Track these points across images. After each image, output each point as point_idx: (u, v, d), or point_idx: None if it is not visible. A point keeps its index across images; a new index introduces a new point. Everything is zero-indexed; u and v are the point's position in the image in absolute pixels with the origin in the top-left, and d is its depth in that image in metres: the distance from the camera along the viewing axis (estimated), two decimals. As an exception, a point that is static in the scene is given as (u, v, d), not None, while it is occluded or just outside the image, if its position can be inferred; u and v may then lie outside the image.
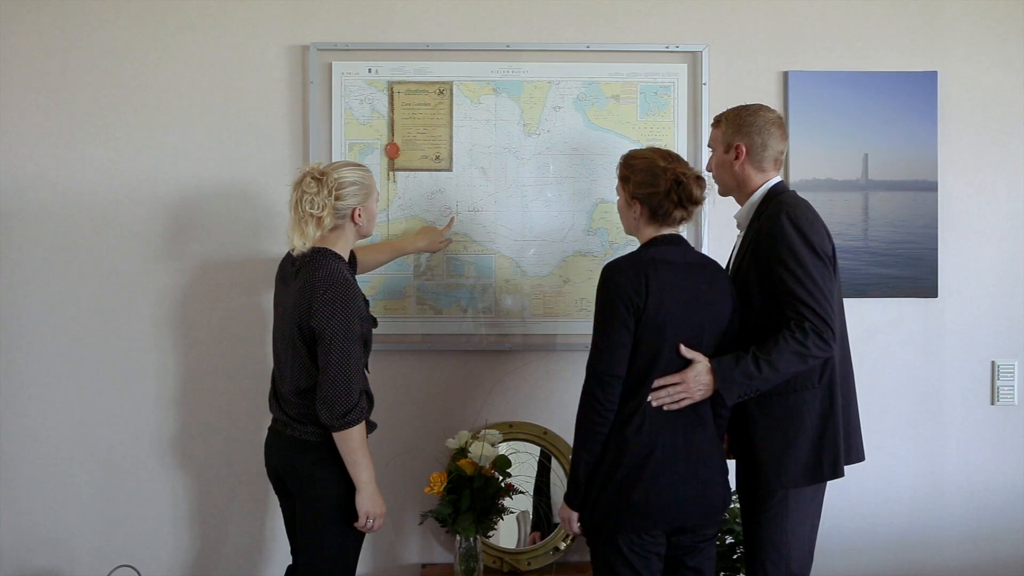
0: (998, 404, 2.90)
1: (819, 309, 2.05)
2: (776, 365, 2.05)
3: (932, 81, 2.83)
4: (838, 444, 2.15)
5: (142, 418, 2.82)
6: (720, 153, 2.28)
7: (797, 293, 2.06)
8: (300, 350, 2.17)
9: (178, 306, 2.81)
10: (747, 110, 2.25)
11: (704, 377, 2.07)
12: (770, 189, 2.22)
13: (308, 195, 2.16)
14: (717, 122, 2.30)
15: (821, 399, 2.15)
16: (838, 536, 2.86)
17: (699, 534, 2.13)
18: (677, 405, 2.06)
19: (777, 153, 2.24)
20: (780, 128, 2.24)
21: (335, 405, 2.11)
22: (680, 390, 2.06)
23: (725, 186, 2.31)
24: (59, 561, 2.83)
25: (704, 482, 2.08)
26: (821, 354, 2.06)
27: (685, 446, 2.07)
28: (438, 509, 2.58)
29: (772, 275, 2.10)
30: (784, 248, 2.08)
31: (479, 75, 2.79)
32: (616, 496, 2.05)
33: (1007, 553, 2.90)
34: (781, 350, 2.04)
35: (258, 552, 2.84)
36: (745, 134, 2.22)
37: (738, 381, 2.06)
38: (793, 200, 2.17)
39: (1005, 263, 2.88)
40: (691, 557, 2.14)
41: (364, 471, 2.16)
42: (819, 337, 2.05)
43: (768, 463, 2.16)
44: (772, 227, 2.11)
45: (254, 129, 2.80)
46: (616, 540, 2.07)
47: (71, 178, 2.79)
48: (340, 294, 2.13)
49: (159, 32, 2.79)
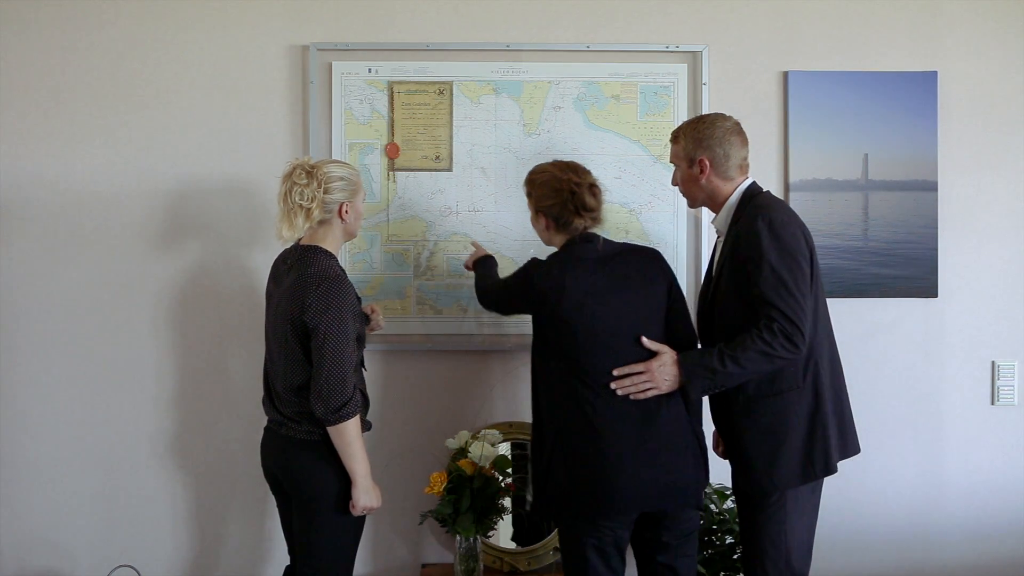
0: (998, 404, 2.90)
1: (788, 311, 2.07)
2: (740, 362, 2.08)
3: (932, 81, 2.83)
4: (828, 442, 2.17)
5: (141, 418, 2.82)
6: (684, 168, 2.29)
7: (767, 295, 2.08)
8: (293, 347, 2.17)
9: (178, 306, 2.81)
10: (704, 122, 2.26)
11: (669, 369, 2.13)
12: (744, 192, 2.24)
13: (298, 187, 2.18)
14: (675, 137, 2.31)
15: (807, 399, 2.17)
16: (838, 536, 2.86)
17: (674, 528, 2.16)
18: (643, 395, 2.12)
19: (741, 160, 2.26)
20: (739, 135, 2.26)
21: (330, 399, 2.11)
22: (645, 379, 2.12)
23: (694, 199, 2.32)
24: (59, 561, 2.83)
25: (664, 466, 2.11)
26: (787, 355, 2.08)
27: (640, 432, 2.11)
28: (438, 509, 2.59)
29: (747, 278, 2.12)
30: (757, 251, 2.11)
31: (479, 75, 2.79)
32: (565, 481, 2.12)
33: (1007, 553, 2.90)
34: (747, 348, 2.08)
35: (257, 552, 2.84)
36: (706, 147, 2.23)
37: (702, 375, 2.11)
38: (768, 202, 2.20)
39: (1005, 263, 2.88)
40: (664, 554, 2.18)
41: (359, 464, 2.17)
42: (787, 339, 2.06)
43: (760, 466, 2.17)
44: (748, 230, 2.14)
45: (254, 129, 2.80)
46: (574, 528, 2.14)
47: (71, 178, 2.79)
48: (333, 289, 2.14)
49: (159, 32, 2.79)
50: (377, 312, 2.49)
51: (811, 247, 2.17)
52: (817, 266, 2.19)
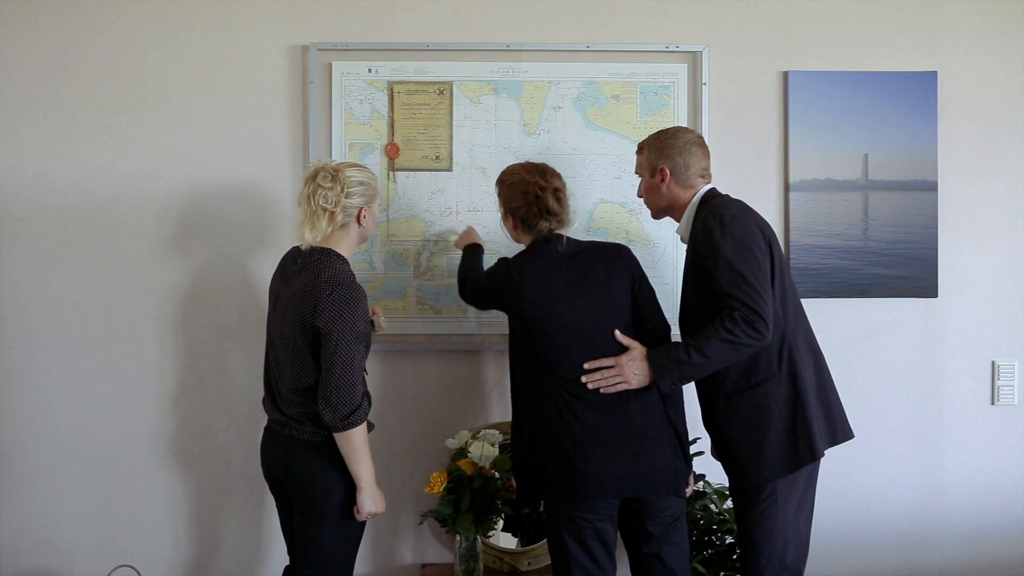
0: (998, 404, 2.90)
1: (747, 300, 2.11)
2: (705, 351, 2.13)
3: (932, 81, 2.83)
4: (811, 428, 2.19)
5: (142, 418, 2.82)
6: (647, 178, 2.35)
7: (725, 288, 2.13)
8: (302, 349, 2.17)
9: (178, 306, 2.81)
10: (666, 133, 2.34)
11: (639, 363, 2.18)
12: (702, 198, 2.29)
13: (323, 190, 2.19)
14: (640, 149, 2.38)
15: (785, 388, 2.20)
16: (838, 536, 2.86)
17: (655, 516, 2.19)
18: (613, 389, 2.17)
19: (701, 169, 2.31)
20: (700, 147, 2.32)
21: (339, 406, 2.11)
22: (615, 373, 2.17)
23: (656, 208, 2.37)
24: (59, 561, 2.83)
25: (642, 454, 2.16)
26: (752, 342, 2.11)
27: (608, 423, 2.16)
28: (438, 509, 2.58)
29: (706, 275, 2.17)
30: (711, 247, 2.16)
31: (479, 75, 2.79)
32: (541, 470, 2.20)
33: (1007, 553, 2.90)
34: (710, 338, 2.12)
35: (257, 552, 2.84)
36: (667, 156, 2.30)
37: (668, 368, 2.16)
38: (721, 202, 2.24)
39: (1005, 263, 2.88)
40: (649, 544, 2.21)
41: (365, 470, 2.17)
42: (749, 326, 2.10)
43: (746, 458, 2.21)
44: (702, 229, 2.19)
45: (254, 129, 2.80)
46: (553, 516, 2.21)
47: (71, 178, 2.79)
48: (346, 295, 2.14)
49: (159, 32, 2.79)
50: (379, 314, 2.49)
51: (769, 239, 2.21)
52: (780, 257, 2.23)
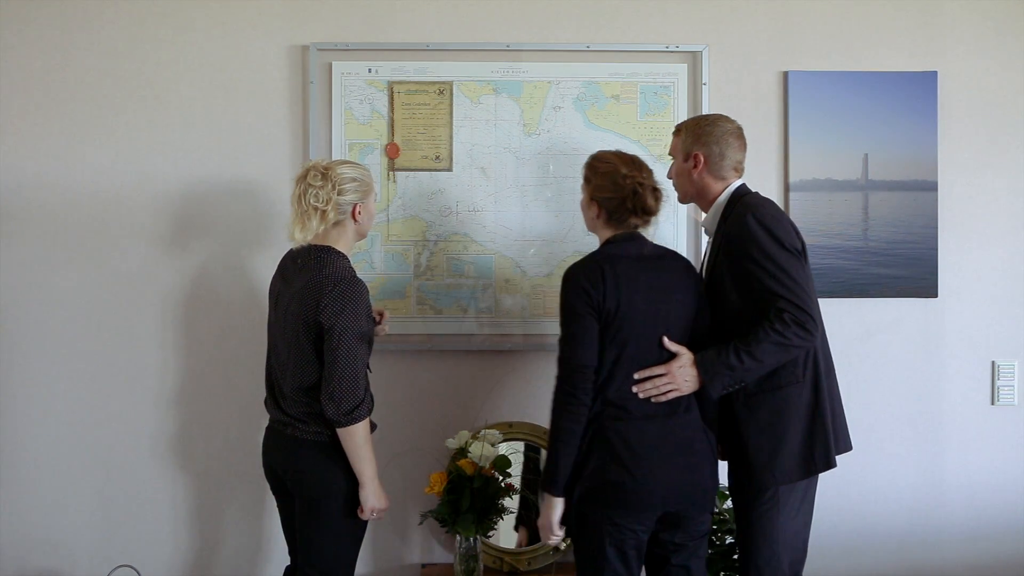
0: (998, 404, 2.90)
1: (797, 300, 2.08)
2: (757, 356, 2.09)
3: (932, 81, 2.83)
4: (828, 436, 2.18)
5: (142, 418, 2.82)
6: (680, 162, 2.33)
7: (773, 288, 2.10)
8: (305, 347, 2.17)
9: (178, 306, 2.81)
10: (706, 120, 2.30)
11: (689, 370, 2.12)
12: (733, 193, 2.26)
13: (313, 188, 2.19)
14: (678, 131, 2.34)
15: (808, 393, 2.18)
16: (838, 536, 2.86)
17: (690, 529, 2.15)
18: (664, 396, 2.11)
19: (736, 162, 2.28)
20: (738, 138, 2.29)
21: (342, 401, 2.11)
22: (666, 381, 2.11)
23: (684, 193, 2.35)
24: (59, 561, 2.83)
25: (689, 467, 2.11)
26: (802, 343, 2.09)
27: (665, 433, 2.10)
28: (438, 509, 2.59)
29: (747, 275, 2.14)
30: (754, 247, 2.12)
31: (479, 75, 2.79)
32: (595, 478, 2.08)
33: (1007, 553, 2.90)
34: (761, 341, 2.08)
35: (257, 552, 2.84)
36: (703, 144, 2.26)
37: (721, 373, 2.11)
38: (757, 201, 2.22)
39: (1005, 263, 2.88)
40: (679, 555, 2.17)
41: (368, 466, 2.17)
42: (800, 327, 2.08)
43: (761, 460, 2.18)
44: (740, 229, 2.16)
45: (254, 129, 2.80)
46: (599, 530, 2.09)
47: (71, 178, 2.79)
48: (348, 290, 2.14)
49: (159, 32, 2.79)
50: (386, 317, 2.48)
51: (802, 241, 2.20)
52: (807, 262, 2.21)
